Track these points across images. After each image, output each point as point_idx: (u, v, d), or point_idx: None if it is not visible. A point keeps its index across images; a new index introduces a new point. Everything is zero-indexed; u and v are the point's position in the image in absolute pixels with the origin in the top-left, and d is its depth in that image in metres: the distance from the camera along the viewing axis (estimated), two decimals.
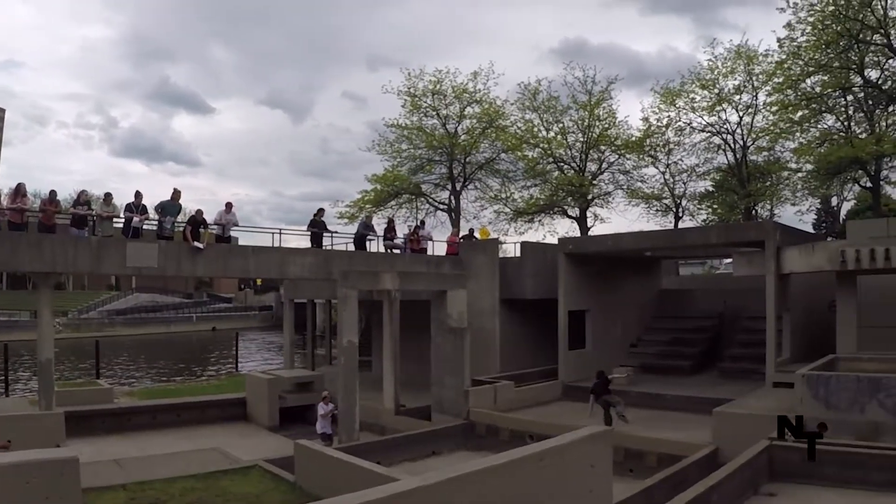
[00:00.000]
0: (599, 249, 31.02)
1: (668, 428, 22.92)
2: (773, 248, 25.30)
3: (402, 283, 27.37)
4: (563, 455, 10.31)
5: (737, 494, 13.88)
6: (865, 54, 40.04)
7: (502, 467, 9.63)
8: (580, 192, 49.37)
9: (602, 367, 28.77)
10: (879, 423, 17.47)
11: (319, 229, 29.93)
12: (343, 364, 25.36)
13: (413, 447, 23.54)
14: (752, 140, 46.95)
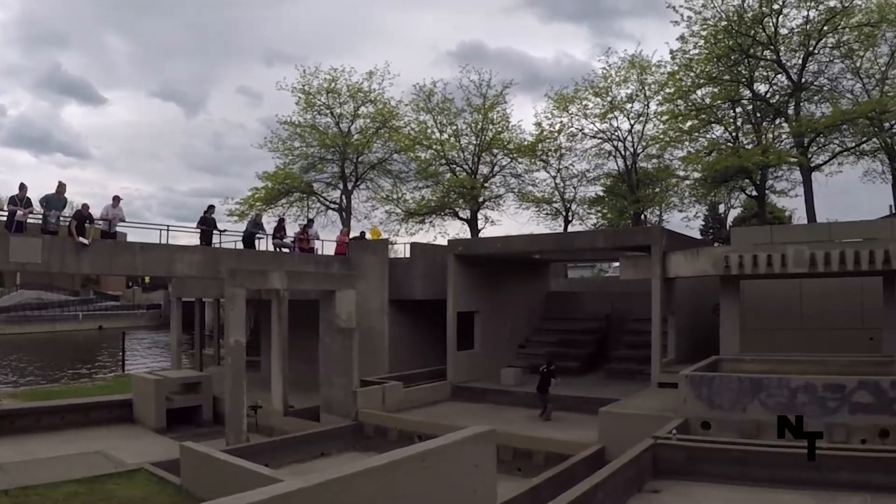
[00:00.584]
0: (489, 251, 31.28)
1: (555, 427, 23.38)
2: (660, 253, 25.91)
3: (291, 282, 27.11)
4: (445, 455, 10.32)
5: (622, 492, 14.09)
6: (755, 69, 41.46)
7: (384, 468, 9.61)
8: (471, 195, 49.57)
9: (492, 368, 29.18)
10: (761, 422, 18.04)
11: (209, 227, 29.39)
12: (230, 364, 24.98)
13: (301, 448, 23.33)
14: (642, 147, 47.99)
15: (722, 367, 21.74)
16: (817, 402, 17.81)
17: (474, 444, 10.85)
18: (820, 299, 26.91)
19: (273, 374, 28.18)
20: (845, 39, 40.03)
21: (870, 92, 41.01)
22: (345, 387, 27.19)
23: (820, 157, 42.20)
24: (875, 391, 17.51)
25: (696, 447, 16.16)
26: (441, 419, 24.83)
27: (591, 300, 37.42)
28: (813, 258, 22.16)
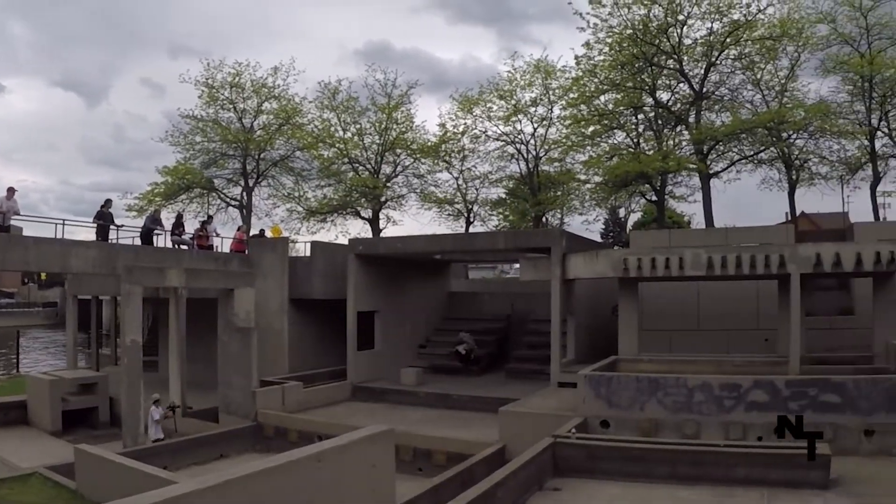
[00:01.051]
0: (389, 251, 31.25)
1: (456, 427, 23.33)
2: (559, 255, 26.18)
3: (189, 280, 26.72)
4: (342, 455, 10.24)
5: (522, 490, 14.18)
6: (658, 77, 42.20)
7: (280, 469, 9.51)
8: (374, 194, 49.28)
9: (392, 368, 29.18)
10: (659, 420, 18.50)
11: (106, 221, 28.74)
12: (126, 364, 24.47)
13: (200, 450, 23.08)
14: (544, 151, 48.16)
15: (620, 367, 22.14)
16: (714, 401, 18.28)
17: (371, 443, 10.78)
18: (717, 301, 27.60)
19: (171, 374, 27.72)
20: (747, 52, 41.13)
21: (769, 103, 42.12)
22: (244, 387, 26.92)
23: (719, 164, 43.24)
24: (770, 390, 18.07)
25: (596, 445, 16.38)
26: (341, 419, 24.68)
27: (491, 301, 37.65)
28: (710, 261, 22.63)
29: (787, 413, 17.63)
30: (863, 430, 17.52)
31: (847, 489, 14.55)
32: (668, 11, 39.65)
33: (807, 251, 22.03)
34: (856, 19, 40.47)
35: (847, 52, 41.17)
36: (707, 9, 39.67)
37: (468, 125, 48.73)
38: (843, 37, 40.95)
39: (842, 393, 17.76)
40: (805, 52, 41.80)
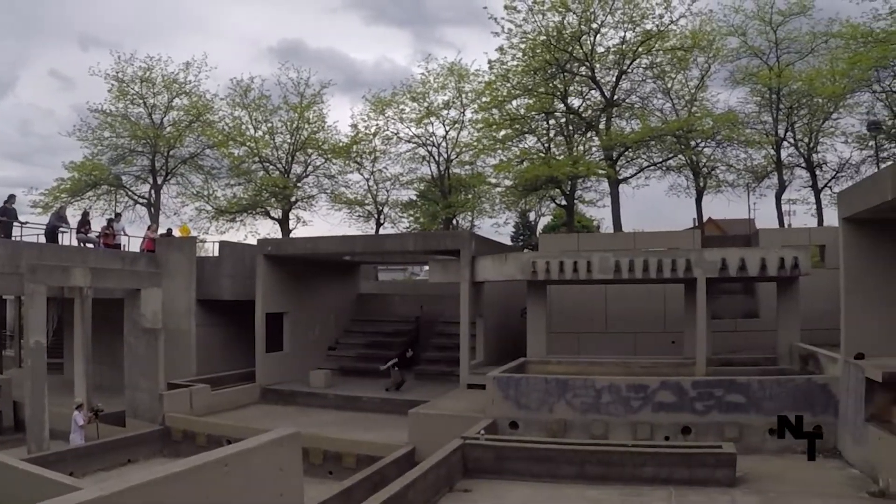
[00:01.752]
0: (299, 252, 30.92)
1: (366, 429, 23.23)
2: (468, 257, 26.24)
3: (95, 279, 25.99)
4: (249, 459, 10.05)
5: (433, 491, 14.19)
6: (570, 83, 42.44)
7: (184, 474, 9.26)
8: (284, 194, 48.51)
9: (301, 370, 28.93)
10: (568, 421, 18.74)
11: (9, 218, 27.96)
12: (30, 367, 23.76)
13: (107, 456, 22.51)
14: (455, 154, 48.22)
15: (529, 369, 22.35)
16: (622, 402, 18.56)
17: (278, 446, 10.60)
18: (624, 304, 28.12)
19: (76, 377, 26.88)
20: (658, 61, 41.88)
21: (678, 112, 42.93)
22: (151, 390, 26.42)
23: (628, 170, 43.90)
24: (677, 391, 18.40)
25: (504, 446, 16.47)
26: (250, 422, 24.37)
27: (401, 303, 37.57)
28: (618, 265, 23.00)
29: (692, 412, 18.09)
30: (767, 429, 17.96)
31: (753, 486, 14.94)
32: (582, 19, 39.99)
33: (712, 256, 22.57)
34: (766, 33, 41.71)
35: (756, 64, 42.42)
36: (620, 18, 40.19)
37: (380, 126, 48.52)
38: (753, 50, 42.14)
39: (747, 393, 18.16)
40: (715, 63, 42.97)
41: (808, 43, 41.44)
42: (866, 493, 14.30)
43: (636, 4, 39.68)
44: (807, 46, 41.61)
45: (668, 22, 39.79)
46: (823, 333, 22.13)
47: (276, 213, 49.83)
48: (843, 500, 14.14)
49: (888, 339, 16.41)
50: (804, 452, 17.37)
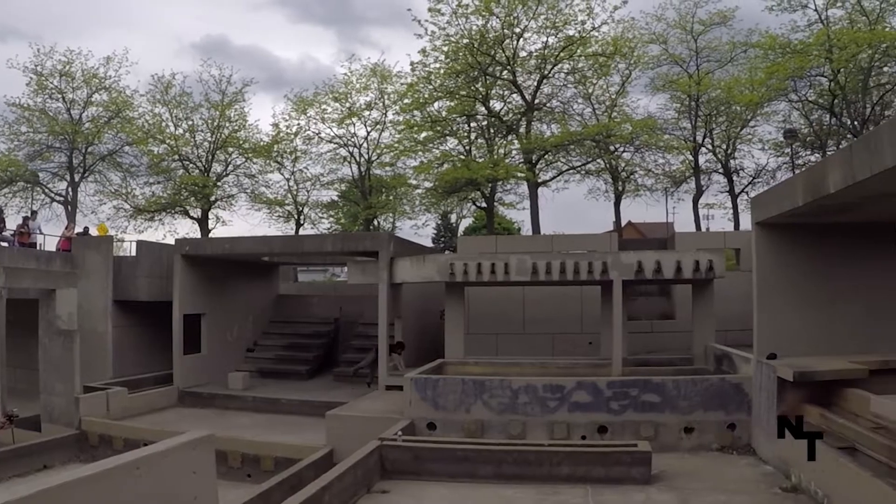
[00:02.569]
0: (217, 252, 30.53)
1: (284, 432, 23.03)
2: (387, 259, 26.18)
3: (9, 279, 25.41)
4: (161, 462, 9.90)
5: (351, 493, 14.16)
6: (492, 87, 42.82)
7: (97, 477, 9.08)
8: (203, 193, 48.03)
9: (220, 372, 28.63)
10: (485, 422, 18.85)
11: None
12: None
13: (21, 461, 22.02)
14: (376, 155, 48.30)
15: (447, 370, 22.43)
16: (538, 402, 18.71)
17: (191, 449, 10.46)
18: (542, 305, 28.37)
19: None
20: (580, 67, 42.52)
21: (599, 117, 43.53)
22: (66, 393, 25.84)
23: (547, 173, 44.41)
24: (592, 391, 18.62)
25: (422, 447, 16.52)
26: (168, 426, 23.91)
27: (320, 304, 37.33)
28: (535, 267, 23.24)
29: (608, 412, 18.32)
30: (682, 428, 18.35)
31: (668, 483, 15.17)
32: (505, 24, 40.38)
33: (629, 259, 22.95)
34: (687, 42, 42.87)
35: (676, 71, 43.44)
36: (543, 23, 40.72)
37: (302, 126, 48.43)
38: (674, 58, 43.14)
39: (661, 393, 18.41)
40: (636, 69, 43.79)
41: (728, 52, 42.63)
42: (779, 488, 14.62)
43: (559, 10, 40.29)
44: (726, 55, 42.79)
45: (591, 28, 40.51)
46: (738, 334, 22.60)
47: (196, 212, 49.27)
48: (756, 496, 14.42)
49: (799, 340, 16.85)
50: (719, 450, 18.02)
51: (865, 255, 17.22)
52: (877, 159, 10.52)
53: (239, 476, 20.31)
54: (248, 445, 21.53)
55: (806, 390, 15.51)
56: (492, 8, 39.65)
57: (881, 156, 10.36)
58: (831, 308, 16.98)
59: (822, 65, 38.36)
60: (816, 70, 39.17)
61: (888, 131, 10.46)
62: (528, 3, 39.84)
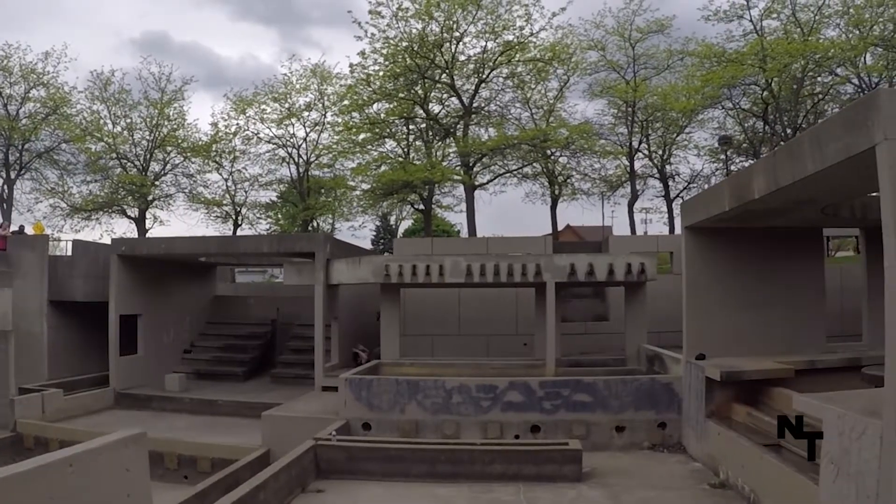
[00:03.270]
0: (153, 252, 30.34)
1: (221, 433, 23.02)
2: (323, 260, 26.40)
3: None
4: (95, 460, 9.89)
5: (286, 492, 14.23)
6: (431, 90, 43.15)
7: (27, 474, 9.01)
8: (141, 193, 47.72)
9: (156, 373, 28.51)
10: (419, 422, 19.09)
11: None
12: None
13: None
14: (315, 156, 48.38)
15: (383, 371, 22.66)
16: (472, 402, 18.97)
17: (124, 447, 10.47)
18: (477, 307, 28.80)
19: None
20: (518, 71, 42.98)
21: (537, 121, 43.98)
22: (1, 395, 25.62)
23: (484, 176, 44.83)
24: (525, 391, 18.91)
25: (356, 447, 16.62)
26: (104, 427, 23.60)
27: (257, 305, 37.26)
28: (469, 269, 23.47)
29: (541, 411, 18.63)
30: (614, 427, 18.71)
31: (599, 480, 15.47)
32: (445, 28, 40.66)
33: (562, 261, 23.28)
34: (625, 49, 43.56)
35: (614, 78, 43.91)
36: (482, 28, 41.09)
37: (241, 126, 48.39)
38: (612, 64, 43.95)
39: (593, 393, 18.75)
40: (575, 75, 44.36)
41: (665, 60, 43.62)
42: (707, 484, 14.99)
43: (498, 16, 40.59)
44: (664, 63, 43.78)
45: (529, 34, 40.93)
46: (672, 336, 22.96)
47: (133, 212, 48.99)
48: (685, 492, 14.76)
49: (728, 341, 17.24)
50: (650, 448, 18.45)
51: (791, 260, 17.73)
52: (798, 166, 10.86)
53: (176, 478, 20.31)
54: (185, 447, 21.50)
55: (733, 390, 15.93)
56: (432, 12, 39.91)
57: (802, 163, 10.70)
58: (759, 310, 17.42)
59: (756, 74, 39.27)
60: (751, 79, 40.10)
61: (809, 140, 10.82)
62: (467, 8, 40.19)
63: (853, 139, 9.02)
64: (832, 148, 9.67)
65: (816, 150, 10.23)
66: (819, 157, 10.12)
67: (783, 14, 40.05)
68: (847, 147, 9.20)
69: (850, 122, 9.23)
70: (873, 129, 8.46)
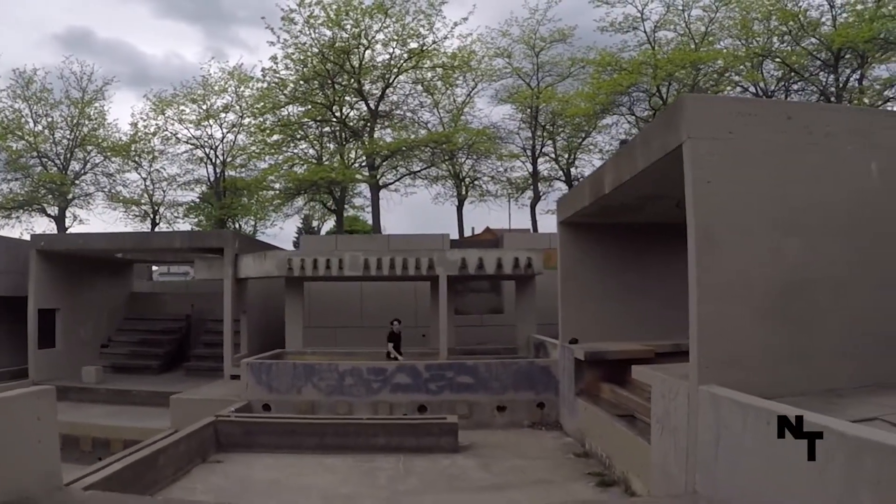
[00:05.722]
0: (71, 248, 31.13)
1: (134, 419, 24.09)
2: (232, 255, 27.60)
3: None
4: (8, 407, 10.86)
5: (186, 461, 15.36)
6: (341, 94, 44.41)
7: None
8: (61, 192, 47.98)
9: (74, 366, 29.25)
10: (315, 402, 20.66)
11: None
12: None
13: None
14: (231, 157, 49.11)
15: (285, 359, 23.90)
16: (363, 384, 20.60)
17: (36, 398, 11.37)
18: (378, 300, 30.51)
19: None
20: (426, 77, 44.81)
21: (446, 125, 45.62)
22: None
23: (390, 177, 46.27)
24: (412, 373, 20.59)
25: (253, 422, 17.99)
26: None
27: (172, 301, 38.00)
28: (367, 263, 25.11)
29: (427, 392, 20.21)
30: (495, 406, 20.38)
31: (475, 452, 17.06)
32: (353, 35, 42.08)
33: (453, 256, 25.05)
34: (530, 57, 45.12)
35: (520, 84, 45.54)
36: (390, 35, 42.62)
37: (160, 126, 48.77)
38: (517, 71, 45.45)
39: (475, 375, 20.37)
40: (481, 81, 45.95)
41: (568, 67, 45.11)
42: (572, 454, 16.62)
43: (404, 24, 41.95)
44: (566, 71, 45.30)
45: (432, 42, 42.56)
46: None
47: (53, 210, 48.98)
48: (551, 461, 16.29)
49: (601, 327, 18.68)
50: (530, 427, 20.08)
51: (661, 253, 19.16)
52: (633, 163, 12.41)
53: (90, 459, 20.94)
54: (99, 430, 22.67)
55: (601, 370, 17.51)
56: (341, 20, 41.35)
57: (635, 160, 12.27)
58: (633, 300, 18.86)
59: (649, 82, 41.28)
60: (644, 86, 42.09)
61: (641, 139, 12.46)
62: (375, 17, 41.69)
63: (668, 138, 10.48)
64: (655, 146, 11.12)
65: (645, 148, 11.75)
66: (646, 154, 11.64)
67: (679, 26, 42.24)
68: (664, 145, 10.65)
69: (666, 123, 10.78)
70: (681, 129, 9.92)
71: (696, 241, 9.58)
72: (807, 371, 9.78)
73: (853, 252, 10.19)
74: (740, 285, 9.63)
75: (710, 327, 9.55)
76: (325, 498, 13.37)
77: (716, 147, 9.69)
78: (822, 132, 10.17)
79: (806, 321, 9.88)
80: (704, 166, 9.62)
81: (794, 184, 9.94)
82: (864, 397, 9.45)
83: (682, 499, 9.51)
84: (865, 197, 10.38)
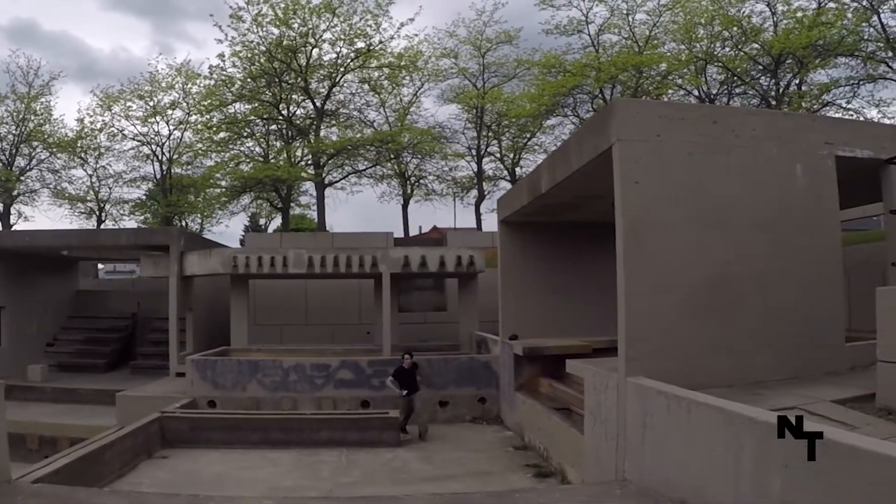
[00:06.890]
0: (17, 245, 30.94)
1: (80, 417, 24.05)
2: (178, 253, 27.64)
3: None
4: None
5: (131, 456, 15.60)
6: (288, 92, 44.59)
7: None
8: (6, 188, 47.35)
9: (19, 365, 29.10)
10: (260, 399, 20.98)
11: None
12: None
13: None
14: (178, 154, 48.68)
15: (231, 356, 24.07)
16: (307, 380, 20.99)
17: None
18: (323, 298, 30.72)
19: None
20: (372, 76, 45.06)
21: (392, 124, 45.90)
22: None
23: (335, 175, 46.55)
24: (355, 369, 21.02)
25: (198, 418, 18.35)
26: None
27: (119, 299, 37.80)
28: (311, 260, 25.38)
29: (370, 388, 20.52)
30: (438, 402, 20.82)
31: (417, 445, 17.63)
32: (300, 34, 42.32)
33: (396, 254, 25.49)
34: (476, 58, 45.48)
35: (466, 84, 45.98)
36: (338, 34, 42.92)
37: (106, 122, 48.13)
38: (463, 72, 45.89)
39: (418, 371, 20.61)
40: (428, 81, 46.28)
41: (514, 69, 45.51)
42: (511, 447, 17.15)
43: (352, 24, 42.21)
44: (512, 72, 45.71)
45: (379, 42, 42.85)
46: None
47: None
48: (491, 453, 16.86)
49: (542, 324, 19.17)
50: (472, 421, 20.62)
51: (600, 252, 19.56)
52: (567, 164, 12.84)
53: (37, 458, 20.98)
54: (46, 428, 22.70)
55: (539, 365, 18.02)
56: (289, 19, 41.54)
57: (570, 161, 12.69)
58: (573, 297, 19.37)
59: (593, 84, 41.94)
60: (587, 88, 42.71)
61: (575, 141, 12.89)
62: (323, 15, 41.96)
63: (599, 140, 10.95)
64: (587, 147, 11.62)
65: (578, 150, 12.20)
66: (579, 156, 12.07)
67: (623, 31, 42.94)
68: (595, 147, 11.13)
69: (598, 126, 11.25)
70: (611, 132, 10.39)
71: (624, 239, 10.05)
72: (730, 362, 10.32)
73: (775, 247, 10.69)
74: (666, 280, 10.11)
75: (637, 321, 10.03)
76: (269, 489, 13.66)
77: (644, 149, 10.14)
78: (748, 135, 10.67)
79: (729, 314, 10.39)
80: (633, 167, 10.07)
81: (719, 184, 10.45)
82: (785, 388, 9.98)
83: (612, 485, 9.96)
84: (789, 196, 10.91)
